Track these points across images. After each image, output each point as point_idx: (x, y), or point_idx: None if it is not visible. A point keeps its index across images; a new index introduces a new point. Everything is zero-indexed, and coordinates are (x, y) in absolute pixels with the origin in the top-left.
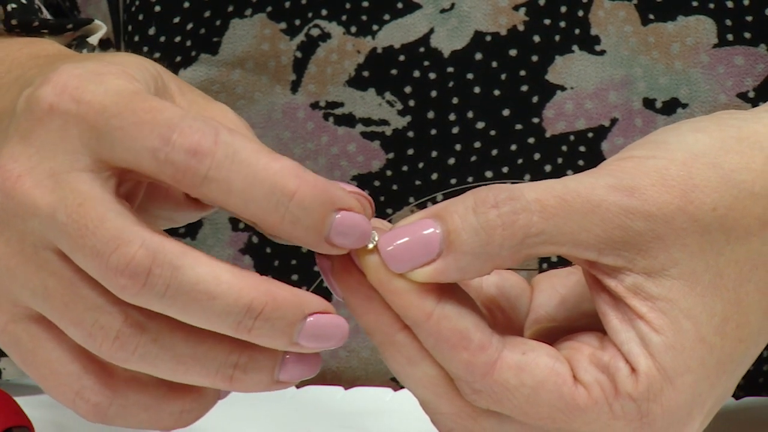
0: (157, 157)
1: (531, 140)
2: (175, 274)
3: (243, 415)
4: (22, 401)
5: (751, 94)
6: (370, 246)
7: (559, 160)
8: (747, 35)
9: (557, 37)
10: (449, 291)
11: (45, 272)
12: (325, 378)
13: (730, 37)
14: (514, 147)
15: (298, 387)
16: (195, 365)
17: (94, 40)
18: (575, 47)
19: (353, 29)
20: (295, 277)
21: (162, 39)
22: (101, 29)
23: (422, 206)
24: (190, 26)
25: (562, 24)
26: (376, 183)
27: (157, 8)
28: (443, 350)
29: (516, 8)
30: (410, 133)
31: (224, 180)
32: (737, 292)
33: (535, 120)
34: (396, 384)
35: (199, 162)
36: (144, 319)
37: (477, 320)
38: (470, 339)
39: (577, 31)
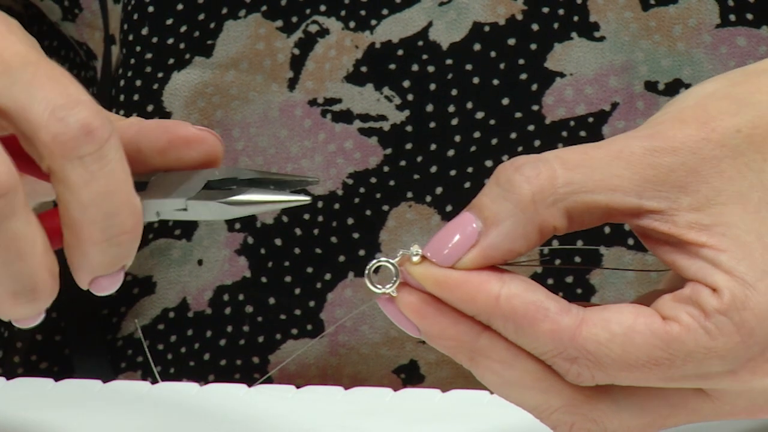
0: (53, 113)
1: (531, 127)
2: None
3: (242, 414)
4: None
5: None
6: (415, 260)
7: (560, 146)
8: (749, 16)
9: (556, 25)
10: (508, 274)
11: None
12: (325, 373)
13: (732, 17)
14: (513, 135)
15: (298, 387)
16: None
17: None
18: (574, 34)
19: (352, 24)
20: (288, 278)
21: (154, 40)
22: None
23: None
24: (183, 29)
25: (561, 11)
26: (373, 180)
27: (151, 9)
28: (525, 329)
29: None
30: (408, 128)
31: (91, 174)
32: None
33: (535, 107)
34: (396, 383)
35: (86, 141)
36: None
37: (547, 293)
38: (547, 308)
39: (575, 18)
